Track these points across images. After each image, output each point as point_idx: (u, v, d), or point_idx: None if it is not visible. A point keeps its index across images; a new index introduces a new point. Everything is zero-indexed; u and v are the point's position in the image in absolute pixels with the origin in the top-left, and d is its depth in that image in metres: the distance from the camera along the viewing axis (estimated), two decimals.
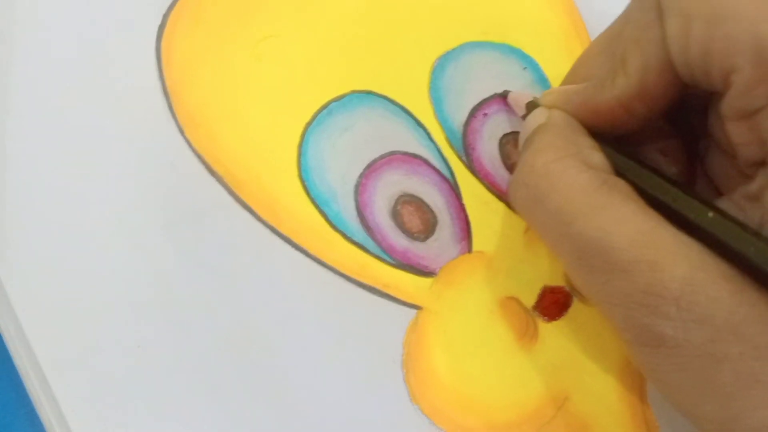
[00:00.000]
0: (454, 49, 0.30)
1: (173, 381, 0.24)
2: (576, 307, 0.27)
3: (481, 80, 0.29)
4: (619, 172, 0.23)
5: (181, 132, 0.27)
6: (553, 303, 0.27)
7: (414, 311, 0.26)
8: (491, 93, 0.29)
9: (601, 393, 0.26)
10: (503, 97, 0.29)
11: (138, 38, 0.28)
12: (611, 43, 0.25)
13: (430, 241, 0.27)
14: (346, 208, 0.27)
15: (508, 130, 0.29)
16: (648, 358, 0.22)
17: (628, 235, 0.21)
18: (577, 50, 0.30)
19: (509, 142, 0.29)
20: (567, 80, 0.27)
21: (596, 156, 0.23)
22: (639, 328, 0.21)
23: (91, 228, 0.26)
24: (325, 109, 0.28)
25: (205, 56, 0.28)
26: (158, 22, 0.28)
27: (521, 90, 0.29)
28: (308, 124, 0.28)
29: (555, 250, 0.24)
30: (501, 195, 0.28)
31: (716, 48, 0.21)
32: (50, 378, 0.24)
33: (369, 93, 0.28)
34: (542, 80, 0.30)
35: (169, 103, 0.27)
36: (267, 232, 0.26)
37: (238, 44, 0.28)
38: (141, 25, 0.28)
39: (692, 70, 0.22)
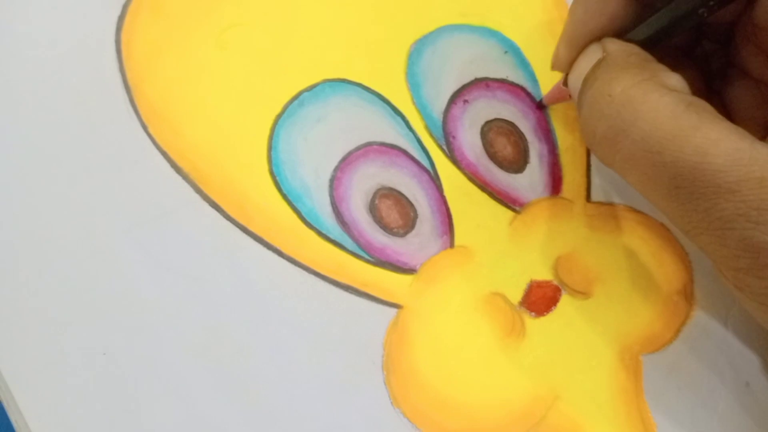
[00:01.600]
0: (431, 33, 0.28)
1: (141, 388, 0.23)
2: (565, 301, 0.26)
3: (460, 65, 0.28)
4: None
5: (144, 128, 0.26)
6: (541, 298, 0.26)
7: (394, 310, 0.25)
8: (471, 78, 0.28)
9: (593, 391, 0.25)
10: (541, 108, 0.28)
11: (97, 30, 0.26)
12: None
13: (409, 236, 0.26)
14: (320, 204, 0.26)
15: (490, 117, 0.28)
16: None
17: (728, 154, 0.20)
18: (560, 31, 0.29)
19: (491, 130, 0.27)
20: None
21: (673, 77, 0.22)
22: (759, 249, 0.20)
23: (52, 231, 0.25)
24: (296, 100, 0.27)
25: (167, 47, 0.26)
26: (117, 12, 0.27)
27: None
28: (278, 116, 0.26)
29: (646, 184, 0.22)
30: (484, 186, 0.27)
31: None
32: (12, 387, 0.23)
33: (342, 81, 0.27)
34: (524, 64, 0.28)
35: (130, 97, 0.26)
36: (237, 230, 0.25)
37: (202, 34, 0.27)
38: (99, 17, 0.27)
39: None
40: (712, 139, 0.20)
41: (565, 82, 0.26)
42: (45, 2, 0.27)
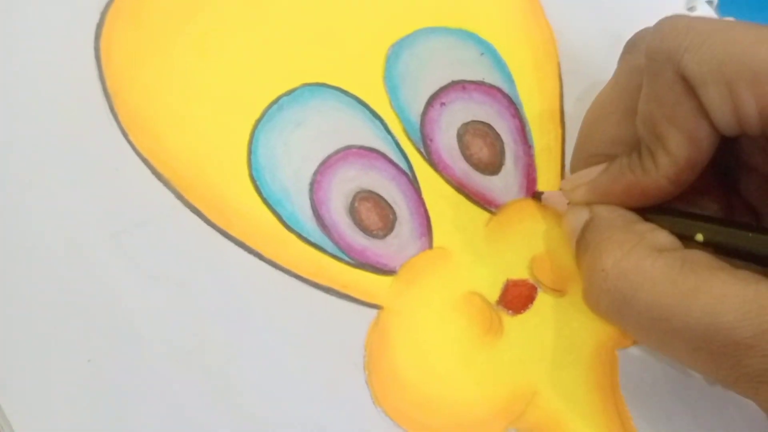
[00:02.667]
0: (408, 36, 0.29)
1: (126, 394, 0.24)
2: (541, 299, 0.27)
3: (437, 67, 0.29)
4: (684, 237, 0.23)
5: (125, 135, 0.26)
6: (518, 296, 0.26)
7: (375, 311, 0.26)
8: (448, 80, 0.28)
9: (570, 386, 0.26)
10: (537, 199, 0.28)
11: (75, 38, 0.26)
12: (623, 102, 0.24)
13: (389, 238, 0.26)
14: (300, 208, 0.26)
15: (467, 119, 0.28)
16: None
17: (736, 308, 0.20)
18: (535, 34, 0.29)
19: (468, 132, 0.28)
20: (581, 146, 0.26)
21: (660, 236, 0.23)
22: None
23: (34, 238, 0.25)
24: (275, 105, 0.27)
25: (146, 54, 0.27)
26: (96, 20, 0.27)
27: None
28: (258, 121, 0.27)
29: (662, 348, 0.23)
30: (460, 188, 0.27)
31: None
32: None
33: (321, 85, 0.28)
34: (500, 66, 0.29)
35: (110, 104, 0.26)
36: (218, 235, 0.25)
37: (181, 40, 0.27)
38: (78, 25, 0.27)
39: (743, 128, 0.22)
40: (717, 296, 0.21)
41: None
42: (22, 10, 0.27)
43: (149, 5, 0.27)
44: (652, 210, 0.24)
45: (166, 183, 0.25)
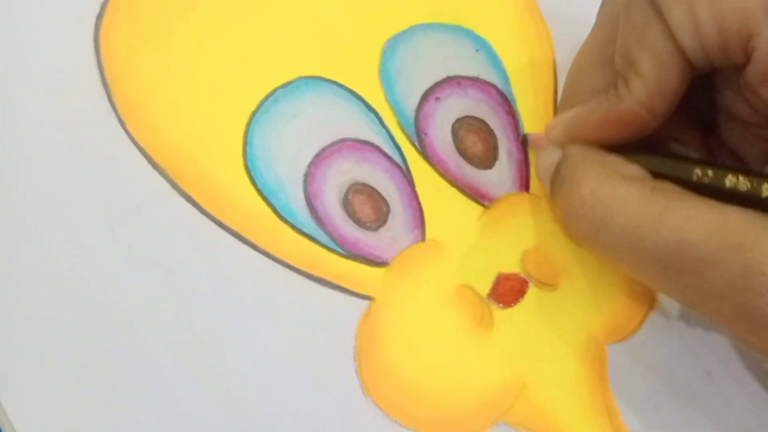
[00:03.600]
0: (404, 31, 0.29)
1: (118, 380, 0.24)
2: (532, 293, 0.27)
3: (432, 63, 0.29)
4: (657, 174, 0.24)
5: (122, 124, 0.26)
6: (509, 290, 0.27)
7: (366, 302, 0.26)
8: (443, 76, 0.29)
9: (559, 379, 0.26)
10: (524, 142, 0.28)
11: (75, 28, 0.27)
12: (602, 52, 0.25)
13: (382, 230, 0.27)
14: (294, 199, 0.26)
15: (461, 115, 0.28)
16: None
17: (702, 226, 0.21)
18: (531, 31, 0.30)
19: (462, 127, 0.28)
20: (564, 100, 0.27)
21: (632, 168, 0.24)
22: (752, 314, 0.21)
23: (30, 225, 0.25)
24: (271, 96, 0.27)
25: (145, 45, 0.27)
26: (96, 11, 0.27)
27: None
28: (254, 113, 0.27)
29: (635, 269, 0.24)
30: (454, 182, 0.28)
31: (729, 21, 0.22)
32: None
33: (317, 78, 0.28)
34: (495, 62, 0.29)
35: (108, 94, 0.26)
36: (212, 225, 0.26)
37: (179, 32, 0.27)
38: (78, 15, 0.27)
39: (707, 51, 0.22)
40: (684, 216, 0.21)
41: None
42: (23, 1, 0.27)
43: None
44: (624, 149, 0.24)
45: (161, 172, 0.26)
